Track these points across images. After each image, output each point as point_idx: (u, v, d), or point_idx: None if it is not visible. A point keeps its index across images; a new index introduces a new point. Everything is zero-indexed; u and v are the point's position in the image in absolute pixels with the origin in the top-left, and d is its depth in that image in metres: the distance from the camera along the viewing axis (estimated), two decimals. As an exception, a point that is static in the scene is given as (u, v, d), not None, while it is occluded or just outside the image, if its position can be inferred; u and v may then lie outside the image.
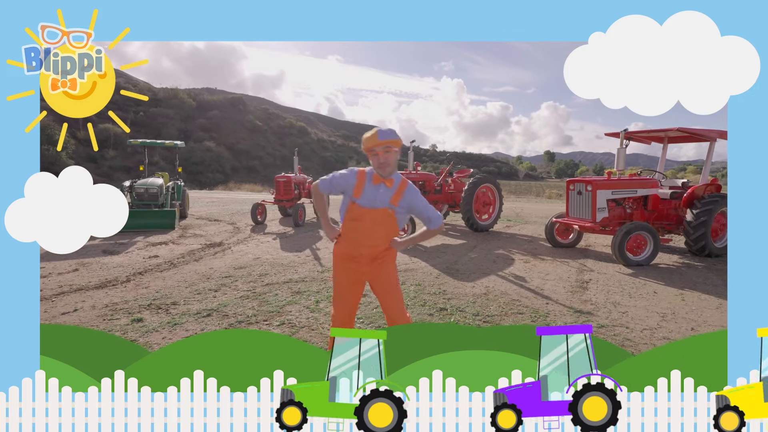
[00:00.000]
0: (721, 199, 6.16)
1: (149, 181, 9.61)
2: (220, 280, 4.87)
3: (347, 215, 2.24)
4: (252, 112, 74.26)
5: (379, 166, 2.16)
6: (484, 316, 3.79)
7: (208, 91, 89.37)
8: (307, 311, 3.83)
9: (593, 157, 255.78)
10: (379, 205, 2.18)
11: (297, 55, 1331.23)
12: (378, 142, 2.09)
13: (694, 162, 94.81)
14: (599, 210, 6.13)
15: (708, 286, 4.91)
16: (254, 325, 3.48)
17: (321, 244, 7.25)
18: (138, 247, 6.75)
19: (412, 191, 2.26)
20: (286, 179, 9.58)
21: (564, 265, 5.83)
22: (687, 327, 3.62)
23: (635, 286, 4.85)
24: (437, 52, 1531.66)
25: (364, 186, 2.20)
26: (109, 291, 4.44)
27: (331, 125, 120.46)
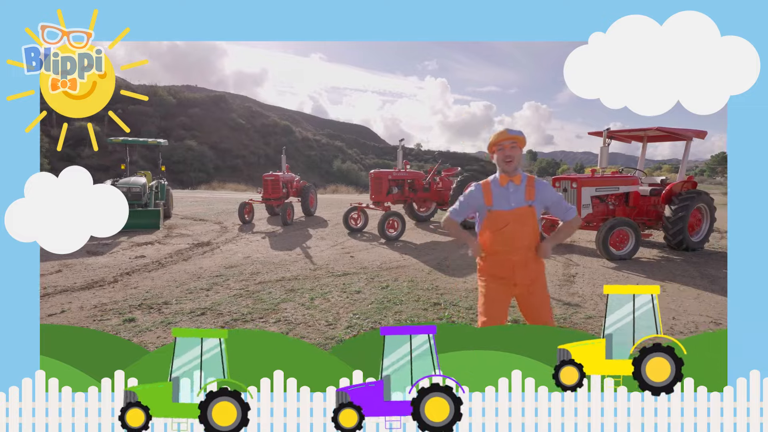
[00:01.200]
0: (698, 196, 6.45)
1: (132, 180, 9.37)
2: (212, 279, 4.81)
3: (488, 228, 2.18)
4: (235, 110, 72.93)
5: (504, 159, 2.16)
6: (476, 310, 3.88)
7: (188, 88, 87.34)
8: (303, 308, 3.84)
9: (574, 157, 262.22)
10: (515, 204, 2.16)
11: (279, 52, 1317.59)
12: (507, 136, 2.15)
13: (669, 161, 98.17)
14: (584, 206, 6.32)
15: (686, 278, 5.14)
16: (250, 323, 3.47)
17: (311, 242, 7.23)
18: (122, 247, 6.58)
19: (542, 184, 2.24)
20: (274, 178, 9.49)
21: (551, 260, 5.99)
22: (668, 316, 3.79)
23: (619, 279, 5.04)
24: (421, 51, 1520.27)
25: (492, 191, 2.19)
26: (97, 292, 4.34)
27: (315, 124, 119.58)
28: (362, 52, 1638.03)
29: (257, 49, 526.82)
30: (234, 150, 60.14)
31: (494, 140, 2.19)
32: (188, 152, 50.03)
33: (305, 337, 3.18)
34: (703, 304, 4.15)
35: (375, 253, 6.40)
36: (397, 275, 5.04)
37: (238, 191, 24.18)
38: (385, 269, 5.35)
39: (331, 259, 5.90)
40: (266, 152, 61.93)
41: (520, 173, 2.21)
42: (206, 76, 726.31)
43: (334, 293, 4.30)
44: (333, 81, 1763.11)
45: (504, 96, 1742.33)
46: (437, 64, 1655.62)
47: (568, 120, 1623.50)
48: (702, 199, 6.52)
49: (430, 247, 6.94)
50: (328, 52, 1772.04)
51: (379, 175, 8.26)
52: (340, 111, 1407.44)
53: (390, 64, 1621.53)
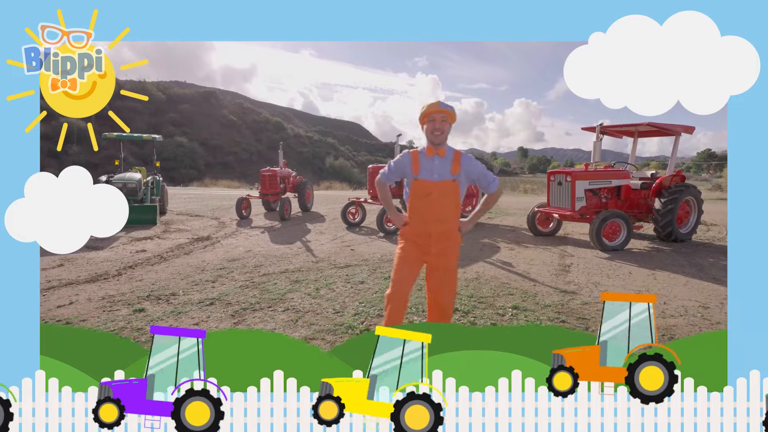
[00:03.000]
0: (686, 189, 6.68)
1: (127, 176, 9.30)
2: (215, 272, 4.87)
3: (413, 195, 2.29)
4: (226, 106, 72.15)
5: (432, 131, 2.23)
6: (478, 297, 4.01)
7: (177, 84, 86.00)
8: (309, 298, 3.93)
9: (564, 153, 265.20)
10: (439, 177, 2.26)
11: (268, 48, 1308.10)
12: (438, 109, 2.22)
13: (656, 158, 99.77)
14: (578, 199, 6.52)
15: (676, 266, 5.36)
16: (259, 312, 3.55)
17: (311, 236, 7.30)
18: (122, 242, 6.58)
19: (467, 158, 2.34)
20: (272, 173, 9.52)
21: (546, 252, 6.17)
22: (660, 301, 3.97)
23: (612, 268, 5.23)
24: (411, 48, 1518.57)
25: (420, 160, 2.29)
26: (102, 284, 4.37)
27: (306, 121, 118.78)
28: (352, 49, 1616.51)
29: (246, 44, 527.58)
30: (225, 147, 59.55)
31: (425, 111, 2.25)
32: (179, 149, 49.44)
33: (315, 324, 3.27)
34: (692, 290, 4.35)
35: (375, 246, 6.50)
36: (398, 266, 5.16)
37: (231, 188, 24.04)
38: (386, 261, 5.46)
39: (332, 252, 5.99)
40: (258, 149, 61.46)
41: (446, 147, 2.29)
42: (193, 71, 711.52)
43: (338, 284, 4.40)
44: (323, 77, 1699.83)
45: (495, 93, 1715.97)
46: (427, 60, 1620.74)
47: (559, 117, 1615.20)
48: (690, 192, 6.76)
49: (429, 240, 7.07)
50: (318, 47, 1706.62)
51: (376, 170, 8.36)
52: (331, 107, 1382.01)
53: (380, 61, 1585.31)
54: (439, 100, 2.25)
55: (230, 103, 76.75)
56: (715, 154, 45.47)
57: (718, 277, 4.84)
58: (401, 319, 2.35)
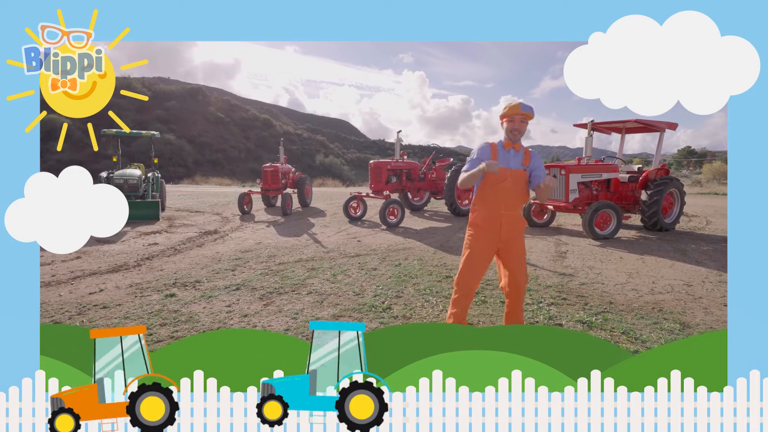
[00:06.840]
0: (670, 181, 7.14)
1: (127, 173, 9.36)
2: (232, 262, 5.07)
3: (486, 183, 2.53)
4: (213, 103, 71.18)
5: (512, 131, 2.49)
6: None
7: (162, 80, 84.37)
8: (328, 283, 4.18)
9: (549, 151, 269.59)
10: (514, 166, 2.53)
11: (252, 44, 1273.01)
12: (519, 112, 2.46)
13: (639, 155, 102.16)
14: (572, 191, 6.91)
15: (662, 252, 5.79)
16: (285, 295, 3.79)
17: (316, 229, 7.53)
18: (131, 236, 6.70)
19: (535, 155, 2.62)
20: (274, 169, 9.69)
21: (543, 240, 6.55)
22: (649, 281, 4.36)
23: (604, 254, 5.62)
24: (396, 45, 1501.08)
25: (498, 152, 2.55)
26: (125, 274, 4.54)
27: (294, 118, 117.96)
28: (337, 45, 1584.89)
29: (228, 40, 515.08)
30: (214, 144, 58.84)
31: (507, 112, 2.52)
32: (166, 146, 48.69)
33: (339, 304, 3.53)
34: (677, 272, 4.77)
35: (380, 237, 6.77)
36: (406, 255, 5.45)
37: (223, 185, 23.95)
38: (394, 250, 5.75)
39: (340, 243, 6.24)
40: (247, 146, 60.92)
41: (520, 143, 2.60)
42: (173, 67, 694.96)
43: (352, 270, 4.66)
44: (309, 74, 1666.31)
45: (481, 90, 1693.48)
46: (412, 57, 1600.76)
47: (544, 115, 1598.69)
48: (674, 185, 7.23)
49: (430, 232, 7.38)
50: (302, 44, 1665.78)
51: (378, 165, 8.62)
52: (317, 104, 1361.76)
53: (366, 58, 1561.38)
54: (521, 102, 2.48)
55: (217, 99, 75.70)
56: (694, 151, 47.05)
57: (700, 260, 5.28)
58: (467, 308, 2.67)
